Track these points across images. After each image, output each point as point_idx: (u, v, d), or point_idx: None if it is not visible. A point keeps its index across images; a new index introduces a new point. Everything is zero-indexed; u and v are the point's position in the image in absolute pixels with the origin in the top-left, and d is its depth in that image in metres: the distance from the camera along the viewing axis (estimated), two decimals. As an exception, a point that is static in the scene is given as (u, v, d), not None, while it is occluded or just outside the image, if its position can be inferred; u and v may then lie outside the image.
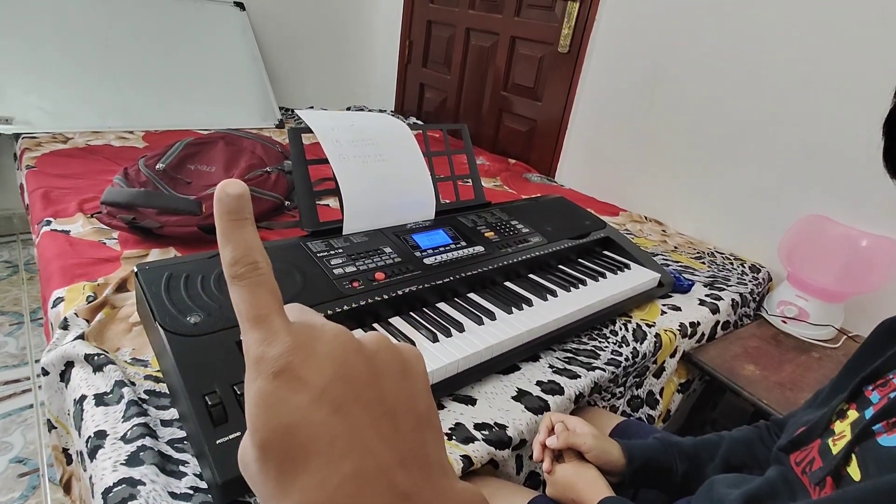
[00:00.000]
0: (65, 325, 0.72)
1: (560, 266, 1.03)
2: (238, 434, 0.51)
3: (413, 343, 0.71)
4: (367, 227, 0.88)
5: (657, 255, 1.30)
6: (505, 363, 0.78)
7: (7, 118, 1.55)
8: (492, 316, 0.81)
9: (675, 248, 1.40)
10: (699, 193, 1.50)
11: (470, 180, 1.10)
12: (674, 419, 1.11)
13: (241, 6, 2.18)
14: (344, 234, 0.85)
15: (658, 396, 1.01)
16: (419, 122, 2.38)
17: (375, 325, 0.76)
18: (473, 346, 0.73)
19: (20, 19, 1.67)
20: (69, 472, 0.75)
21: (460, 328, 0.77)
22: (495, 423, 0.69)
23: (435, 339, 0.74)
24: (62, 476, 0.75)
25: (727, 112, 1.39)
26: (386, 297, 0.76)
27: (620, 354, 0.88)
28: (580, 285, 0.95)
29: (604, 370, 0.83)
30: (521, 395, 0.74)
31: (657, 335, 0.95)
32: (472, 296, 0.87)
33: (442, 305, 0.83)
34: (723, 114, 1.40)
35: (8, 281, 1.74)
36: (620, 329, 0.94)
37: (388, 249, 0.85)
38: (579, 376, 0.80)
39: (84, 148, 1.49)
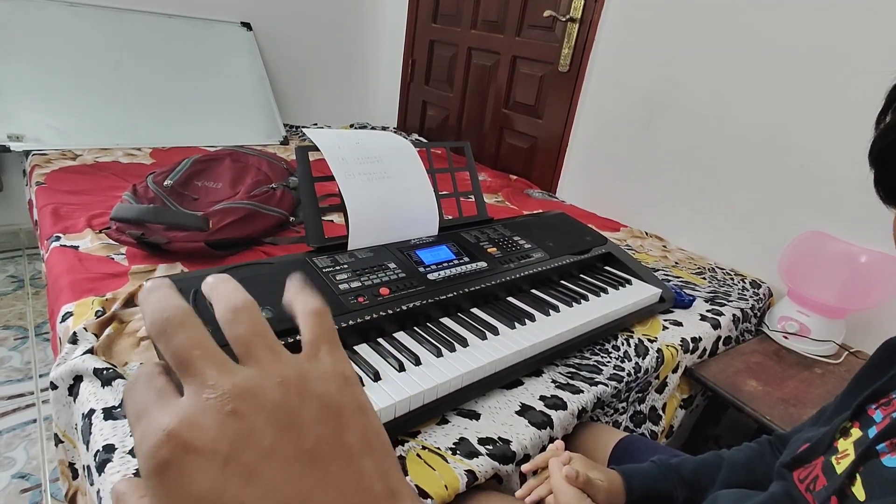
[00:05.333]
0: (74, 340, 0.73)
1: (562, 281, 1.04)
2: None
3: (419, 358, 0.72)
4: (372, 243, 0.90)
5: (658, 270, 1.31)
6: (508, 378, 0.79)
7: (18, 135, 1.58)
8: (495, 331, 0.82)
9: (676, 263, 1.41)
10: (699, 209, 1.51)
11: (472, 197, 1.12)
12: (677, 435, 1.11)
13: (247, 26, 2.22)
14: (349, 249, 0.87)
15: (661, 412, 1.01)
16: (421, 139, 2.41)
17: (380, 340, 0.77)
18: (477, 361, 0.74)
19: (32, 40, 1.71)
20: (75, 486, 0.75)
21: (464, 343, 0.78)
22: (499, 438, 0.69)
23: (439, 354, 0.74)
24: (67, 491, 0.76)
25: (726, 130, 1.41)
26: (390, 312, 0.77)
27: (623, 370, 0.88)
28: (582, 300, 0.96)
29: (606, 385, 0.84)
30: (524, 410, 0.75)
31: (659, 350, 0.95)
32: (475, 311, 0.88)
33: (445, 320, 0.84)
34: (722, 132, 1.42)
35: (13, 295, 1.75)
36: (622, 344, 0.95)
37: (392, 265, 0.86)
38: (582, 391, 0.80)
39: (93, 165, 1.52)
